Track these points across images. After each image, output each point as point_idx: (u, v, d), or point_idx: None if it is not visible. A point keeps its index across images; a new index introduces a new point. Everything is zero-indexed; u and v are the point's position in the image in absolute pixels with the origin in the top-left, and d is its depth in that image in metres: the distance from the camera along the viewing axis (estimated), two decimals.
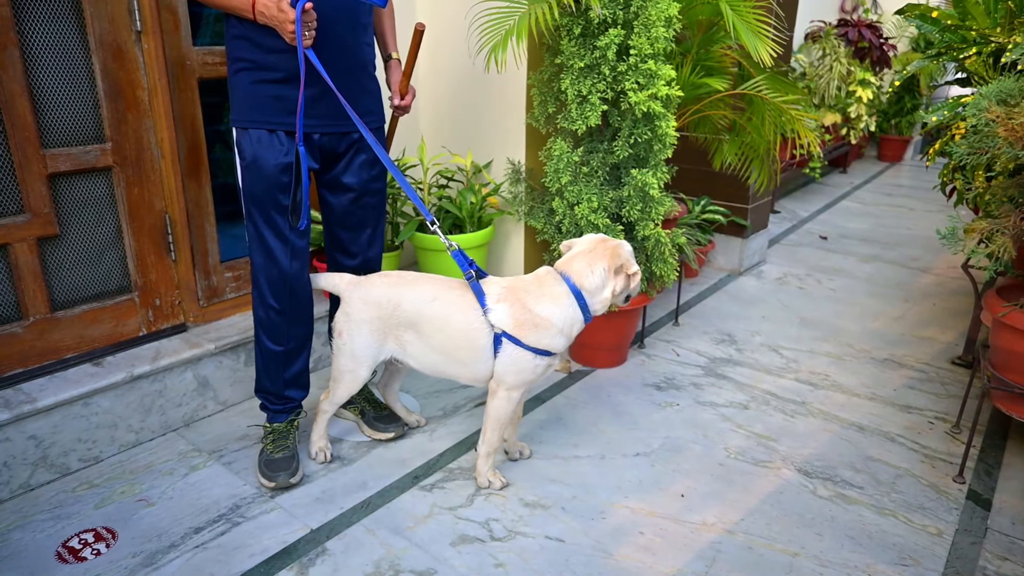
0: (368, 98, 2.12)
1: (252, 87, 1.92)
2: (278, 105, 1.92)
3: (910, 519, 2.06)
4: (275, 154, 1.95)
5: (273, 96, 1.91)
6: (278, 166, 1.96)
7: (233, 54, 1.95)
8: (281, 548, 1.90)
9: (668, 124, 2.44)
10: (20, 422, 2.05)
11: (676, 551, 1.93)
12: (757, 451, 2.38)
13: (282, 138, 1.96)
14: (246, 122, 1.95)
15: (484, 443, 2.12)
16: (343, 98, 1.93)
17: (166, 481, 2.18)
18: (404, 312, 2.06)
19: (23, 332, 2.17)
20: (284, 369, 2.18)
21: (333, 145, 2.07)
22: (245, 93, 1.94)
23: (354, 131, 2.07)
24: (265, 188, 1.97)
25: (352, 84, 2.03)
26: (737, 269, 4.08)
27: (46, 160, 2.12)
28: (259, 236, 2.04)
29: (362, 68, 2.06)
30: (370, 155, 2.14)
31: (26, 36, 2.04)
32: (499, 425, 2.08)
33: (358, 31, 2.01)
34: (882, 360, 3.05)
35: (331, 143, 2.06)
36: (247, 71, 1.93)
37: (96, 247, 2.31)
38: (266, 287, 2.08)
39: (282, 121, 1.94)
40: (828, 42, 5.78)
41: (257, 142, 1.94)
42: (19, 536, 1.93)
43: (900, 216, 5.41)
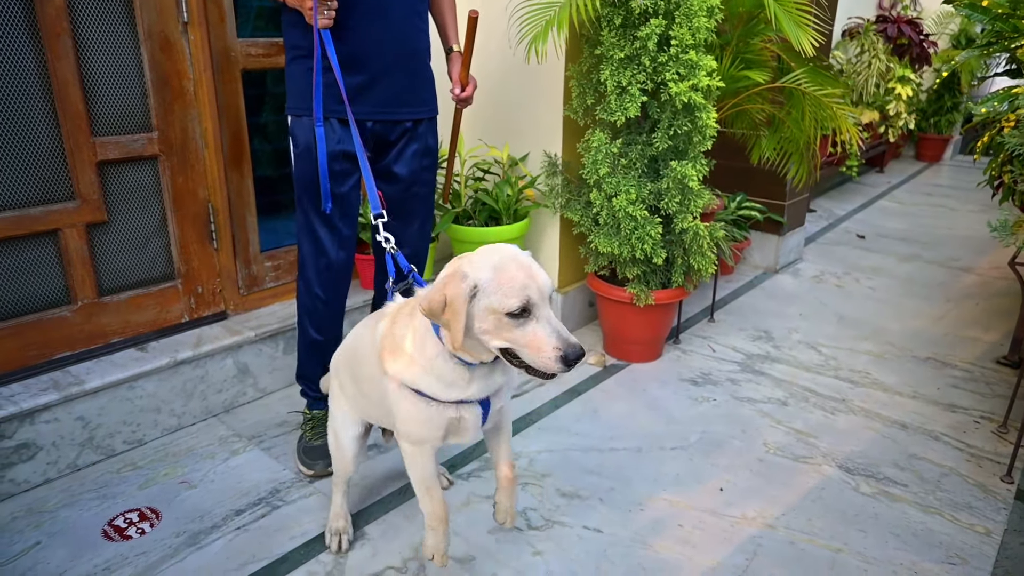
0: (425, 86, 2.09)
1: (308, 74, 1.91)
2: (328, 92, 1.91)
3: (956, 518, 2.01)
4: (330, 142, 1.95)
5: (327, 83, 1.90)
6: (330, 154, 1.95)
7: (289, 41, 1.96)
8: (321, 531, 1.92)
9: (708, 115, 2.41)
10: (69, 403, 2.10)
11: (716, 544, 1.90)
12: (797, 447, 2.34)
13: (335, 126, 1.95)
14: (300, 110, 1.96)
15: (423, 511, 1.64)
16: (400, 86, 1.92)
17: (207, 464, 2.21)
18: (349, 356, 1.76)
19: (72, 316, 2.22)
20: (325, 357, 2.18)
21: (385, 133, 2.05)
22: (301, 80, 1.94)
23: (407, 120, 2.05)
24: (316, 174, 1.96)
25: (409, 72, 2.01)
26: (773, 267, 4.02)
27: (96, 148, 2.17)
28: (308, 224, 2.04)
29: (418, 55, 2.05)
30: (421, 145, 2.12)
31: (79, 26, 2.08)
32: (421, 488, 1.60)
33: (413, 18, 1.99)
34: (924, 359, 2.99)
35: (383, 131, 2.04)
36: (303, 58, 1.93)
37: (142, 234, 2.35)
38: (313, 275, 2.08)
39: (335, 108, 1.93)
40: (867, 38, 5.68)
41: (310, 129, 1.94)
42: (67, 514, 1.98)
43: (940, 216, 5.30)
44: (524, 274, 1.32)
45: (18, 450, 2.02)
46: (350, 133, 1.95)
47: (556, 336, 1.31)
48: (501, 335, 1.33)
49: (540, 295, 1.32)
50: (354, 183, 2.06)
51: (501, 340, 1.34)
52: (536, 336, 1.31)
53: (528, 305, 1.30)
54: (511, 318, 1.30)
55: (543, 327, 1.31)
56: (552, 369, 1.32)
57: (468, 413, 1.51)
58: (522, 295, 1.30)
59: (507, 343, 1.34)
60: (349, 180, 2.03)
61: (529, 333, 1.31)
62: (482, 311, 1.32)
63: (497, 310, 1.30)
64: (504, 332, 1.33)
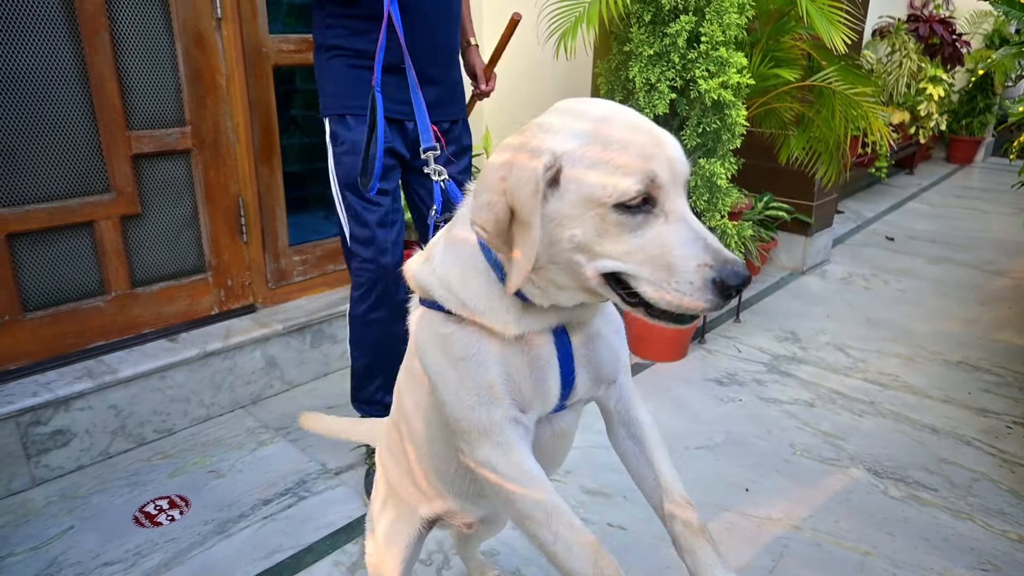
0: (459, 89, 2.08)
1: (349, 72, 1.89)
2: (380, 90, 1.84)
3: (988, 523, 1.98)
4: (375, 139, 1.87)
5: (371, 81, 1.81)
6: None
7: (327, 42, 1.91)
8: (346, 523, 1.94)
9: (738, 113, 2.40)
10: (102, 392, 2.14)
11: (742, 544, 1.89)
12: (824, 449, 2.32)
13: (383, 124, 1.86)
14: (343, 109, 1.91)
15: None
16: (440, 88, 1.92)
17: (235, 455, 2.24)
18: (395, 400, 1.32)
19: (105, 306, 2.27)
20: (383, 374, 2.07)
21: None
22: (343, 79, 1.91)
23: (443, 120, 2.02)
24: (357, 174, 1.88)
25: (448, 75, 2.00)
26: (800, 268, 3.98)
27: (131, 141, 2.21)
28: (357, 224, 1.96)
29: (452, 58, 2.03)
30: (458, 146, 2.09)
31: (116, 22, 2.12)
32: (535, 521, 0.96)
33: (452, 21, 1.98)
34: (955, 363, 2.94)
35: None
36: (342, 57, 1.89)
37: (174, 227, 2.39)
38: (359, 277, 1.98)
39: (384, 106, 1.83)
40: (898, 38, 5.60)
41: (357, 127, 1.90)
42: (99, 500, 2.02)
43: (972, 218, 5.20)
44: (644, 136, 0.82)
45: (53, 436, 2.07)
46: (394, 131, 1.92)
47: (701, 245, 0.80)
48: (604, 247, 0.82)
49: (672, 174, 0.81)
50: (398, 183, 2.01)
51: (604, 258, 0.82)
52: (667, 244, 0.80)
53: (653, 190, 0.80)
54: (622, 213, 0.80)
55: (678, 229, 0.81)
56: (696, 303, 0.80)
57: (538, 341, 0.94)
58: (644, 170, 0.79)
59: (615, 262, 0.82)
60: (393, 178, 1.98)
61: (654, 240, 0.80)
62: (571, 206, 0.81)
63: (600, 200, 0.80)
64: (609, 242, 0.81)
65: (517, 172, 0.81)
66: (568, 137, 0.82)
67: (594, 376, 1.02)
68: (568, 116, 0.85)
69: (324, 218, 2.88)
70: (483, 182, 0.86)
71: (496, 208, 0.83)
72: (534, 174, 0.80)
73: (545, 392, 0.96)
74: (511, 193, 0.82)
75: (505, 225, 0.83)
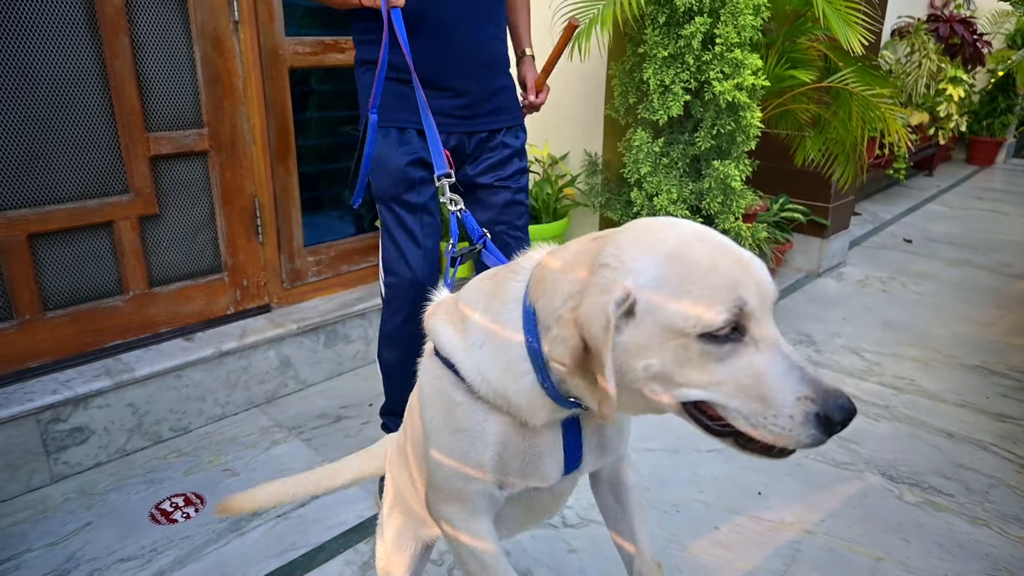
0: (504, 96, 2.01)
1: (384, 84, 1.82)
2: (406, 104, 1.85)
3: (1005, 530, 1.96)
4: (404, 152, 1.89)
5: (403, 95, 1.85)
6: (406, 163, 1.89)
7: (361, 56, 1.91)
8: (359, 522, 1.95)
9: (753, 115, 2.39)
10: (119, 390, 2.17)
11: (753, 548, 1.88)
12: (838, 453, 2.30)
13: (412, 136, 1.90)
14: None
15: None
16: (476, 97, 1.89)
17: (249, 453, 2.26)
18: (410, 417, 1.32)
19: (123, 305, 2.30)
20: None
21: (461, 145, 1.97)
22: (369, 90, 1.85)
23: (483, 129, 1.98)
24: (391, 184, 1.91)
25: (484, 83, 1.95)
26: (816, 270, 3.95)
27: (150, 143, 2.24)
28: (390, 236, 1.96)
29: (494, 65, 1.97)
30: (502, 153, 2.02)
31: (136, 25, 2.15)
32: None
33: (488, 27, 1.92)
34: (972, 367, 2.90)
35: (459, 143, 1.96)
36: (373, 71, 1.83)
37: (191, 228, 2.42)
38: (392, 290, 1.97)
39: (413, 119, 1.86)
40: (917, 38, 5.54)
41: (384, 140, 1.89)
42: (116, 497, 2.05)
43: (992, 221, 5.14)
44: (728, 260, 0.77)
45: (72, 433, 2.10)
46: (426, 143, 1.83)
47: (798, 375, 0.75)
48: (687, 377, 0.76)
49: (761, 299, 0.76)
50: (432, 194, 1.96)
51: (686, 387, 0.77)
52: (760, 374, 0.75)
53: (741, 317, 0.75)
54: (708, 343, 0.75)
55: (772, 359, 0.75)
56: (793, 438, 0.76)
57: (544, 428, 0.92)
58: (731, 298, 0.74)
59: (702, 391, 0.77)
60: (427, 189, 1.95)
61: (744, 370, 0.75)
62: (647, 336, 0.76)
63: (682, 331, 0.74)
64: (693, 371, 0.76)
65: (588, 308, 0.76)
66: (644, 266, 0.77)
67: (600, 454, 1.03)
68: (644, 240, 0.80)
69: (339, 219, 2.90)
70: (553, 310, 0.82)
71: (570, 343, 0.79)
72: (604, 311, 0.75)
73: (539, 474, 0.96)
74: (582, 326, 0.77)
75: (581, 355, 0.79)
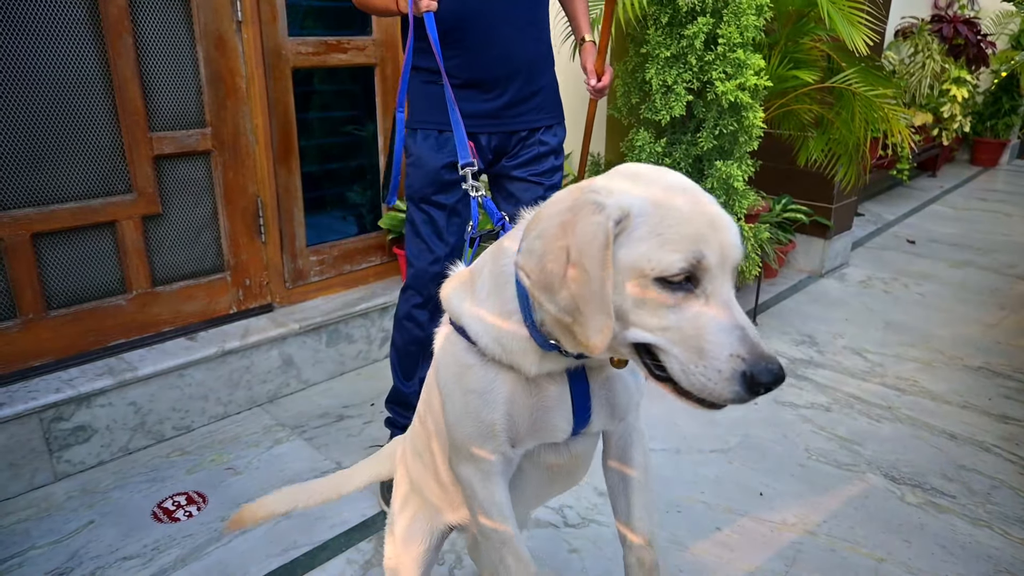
0: (544, 95, 2.00)
1: (423, 87, 1.90)
2: (442, 106, 1.82)
3: (1007, 532, 1.95)
4: (442, 154, 1.91)
5: (437, 97, 1.84)
6: (442, 165, 1.91)
7: (411, 61, 1.88)
8: (360, 521, 1.96)
9: (755, 115, 2.39)
10: (122, 389, 2.17)
11: (755, 549, 1.88)
12: (840, 454, 2.30)
13: (451, 139, 1.89)
14: (416, 123, 1.93)
15: None
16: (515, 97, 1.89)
17: (252, 452, 2.27)
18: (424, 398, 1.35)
19: (126, 305, 2.30)
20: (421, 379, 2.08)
21: (502, 144, 1.98)
22: (417, 95, 1.92)
23: (522, 128, 1.98)
24: (425, 184, 1.93)
25: (526, 83, 1.95)
26: (818, 271, 3.95)
27: (152, 142, 2.25)
28: (415, 234, 2.00)
29: (532, 66, 1.97)
30: (538, 150, 2.02)
31: (139, 25, 2.16)
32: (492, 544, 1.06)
33: (526, 30, 1.92)
34: (976, 368, 2.90)
35: (500, 142, 1.97)
36: (418, 75, 1.90)
37: (194, 227, 2.42)
38: (413, 283, 2.02)
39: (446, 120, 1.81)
40: (921, 38, 5.53)
41: (423, 141, 1.91)
42: (119, 495, 2.05)
43: (995, 222, 5.13)
44: (701, 216, 0.80)
45: (75, 432, 2.11)
46: None
47: (739, 335, 0.78)
48: (640, 317, 0.80)
49: (721, 258, 0.79)
50: (463, 195, 1.96)
51: (637, 328, 0.81)
52: (702, 327, 0.78)
53: (697, 270, 0.78)
54: (663, 288, 0.78)
55: (717, 314, 0.79)
56: (717, 391, 0.78)
57: (548, 383, 0.96)
58: (691, 249, 0.78)
59: (647, 333, 0.81)
60: (460, 190, 1.95)
61: (691, 320, 0.79)
62: (619, 270, 0.80)
63: (643, 271, 0.78)
64: (646, 314, 0.80)
65: (584, 225, 0.78)
66: (632, 202, 0.80)
67: (609, 413, 1.06)
68: (631, 180, 0.84)
69: (341, 219, 2.91)
70: (537, 229, 0.84)
71: (547, 259, 0.81)
72: (603, 227, 0.77)
73: (549, 430, 1.00)
74: (576, 247, 0.78)
75: (552, 275, 0.80)
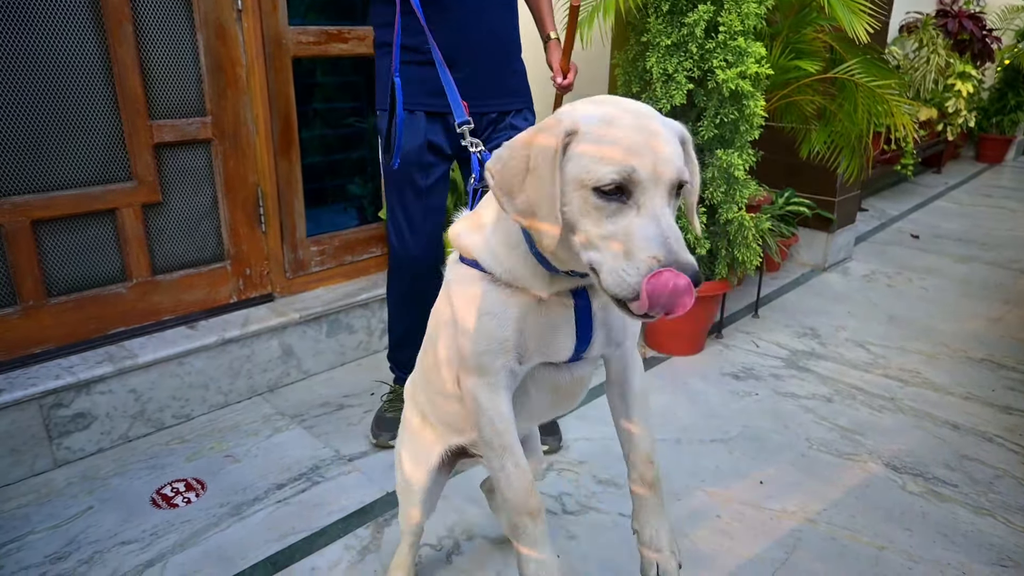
0: (516, 79, 2.08)
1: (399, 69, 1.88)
2: (419, 87, 1.90)
3: (1010, 520, 1.94)
4: (411, 135, 1.95)
5: (414, 79, 1.88)
6: (415, 145, 1.95)
7: (379, 39, 1.97)
8: (358, 507, 1.95)
9: (756, 104, 2.37)
10: (122, 376, 2.18)
11: (754, 537, 1.87)
12: (841, 444, 2.29)
13: (420, 119, 1.95)
14: (387, 104, 1.89)
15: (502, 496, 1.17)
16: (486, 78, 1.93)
17: (251, 441, 2.26)
18: None
19: (127, 293, 2.31)
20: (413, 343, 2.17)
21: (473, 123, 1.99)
22: (386, 75, 1.93)
23: (492, 110, 2.02)
24: (401, 165, 1.95)
25: (503, 67, 2.00)
26: (821, 264, 3.93)
27: (153, 131, 2.25)
28: (394, 217, 2.06)
29: (511, 50, 2.04)
30: (509, 135, 1.98)
31: (139, 13, 2.16)
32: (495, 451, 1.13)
33: (508, 14, 1.98)
34: (979, 360, 2.88)
35: None
36: (389, 54, 1.90)
37: (194, 216, 2.42)
38: (395, 266, 2.12)
39: (422, 102, 1.93)
40: (926, 33, 5.51)
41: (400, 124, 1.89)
42: (118, 482, 2.05)
43: (1000, 218, 5.10)
44: (640, 136, 0.87)
45: (75, 419, 2.11)
46: (436, 125, 1.96)
47: (660, 240, 0.84)
48: (584, 226, 0.89)
49: (652, 173, 0.86)
50: (439, 176, 2.04)
51: (582, 234, 0.89)
52: (631, 234, 0.85)
53: (628, 183, 0.85)
54: (599, 198, 0.86)
55: (645, 223, 0.85)
56: (631, 286, 0.83)
57: (556, 304, 1.05)
58: (624, 162, 0.85)
59: (594, 252, 0.89)
60: (435, 172, 2.02)
61: (623, 228, 0.86)
62: (566, 183, 0.89)
63: (582, 181, 0.87)
64: (589, 223, 0.88)
65: (541, 137, 0.91)
66: (585, 120, 0.90)
67: (607, 337, 1.14)
68: (592, 104, 0.95)
69: (342, 210, 2.91)
70: (510, 144, 0.97)
71: (510, 163, 0.93)
72: (556, 137, 0.89)
73: (555, 349, 1.09)
74: (532, 156, 0.90)
75: (513, 178, 0.92)
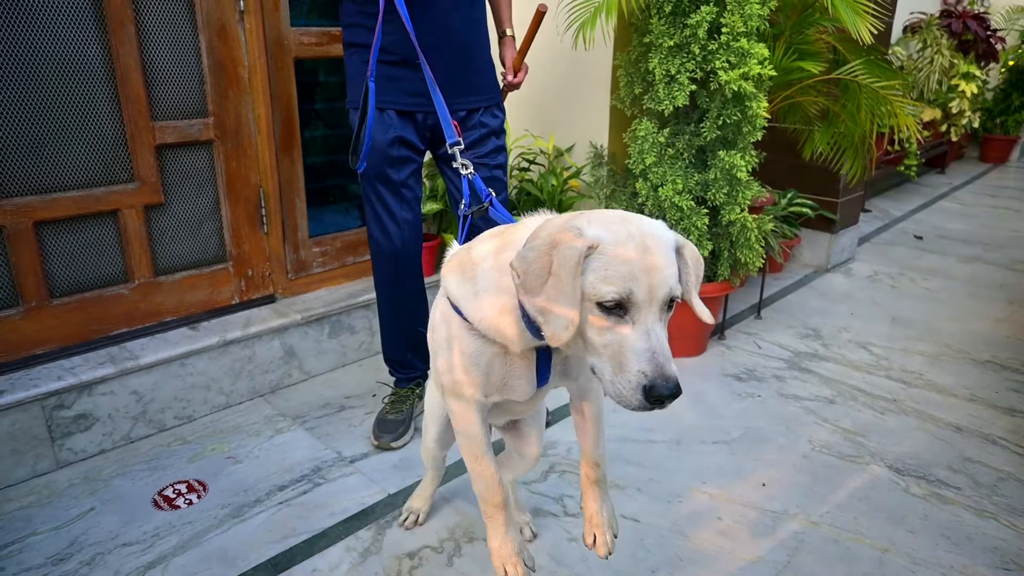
0: (478, 78, 2.08)
1: (363, 67, 1.95)
2: (388, 85, 1.94)
3: (1014, 523, 1.93)
4: (383, 131, 1.98)
5: (384, 77, 1.93)
6: (386, 141, 1.98)
7: (347, 39, 2.01)
8: (360, 509, 1.95)
9: (759, 105, 2.37)
10: (124, 377, 2.18)
11: (756, 538, 1.87)
12: (844, 446, 2.28)
13: (391, 116, 1.98)
14: (358, 102, 1.95)
15: None
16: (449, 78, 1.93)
17: (253, 442, 2.26)
18: None
19: (129, 293, 2.31)
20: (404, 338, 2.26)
21: (437, 123, 2.02)
22: (356, 74, 1.99)
23: (460, 109, 2.04)
24: (374, 162, 2.00)
25: (462, 66, 2.01)
26: (824, 265, 3.92)
27: (155, 132, 2.25)
28: (373, 211, 2.10)
29: (471, 48, 2.04)
30: (481, 131, 2.10)
31: (142, 14, 2.16)
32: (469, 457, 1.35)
33: (463, 9, 1.99)
34: (983, 362, 2.87)
35: (436, 121, 2.02)
36: (358, 54, 1.97)
37: (196, 217, 2.42)
38: (377, 260, 2.16)
39: (393, 100, 1.96)
40: (929, 33, 5.49)
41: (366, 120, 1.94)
42: (120, 483, 2.05)
43: (1005, 218, 5.08)
44: (642, 261, 1.00)
45: (77, 420, 2.11)
46: (406, 122, 1.99)
47: (647, 355, 0.99)
48: (588, 334, 1.03)
49: (648, 295, 0.99)
50: (412, 171, 2.08)
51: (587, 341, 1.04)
52: (624, 347, 1.00)
53: (627, 302, 0.99)
54: (601, 312, 1.00)
55: (637, 338, 0.99)
56: (627, 399, 1.00)
57: (521, 357, 1.21)
58: (623, 285, 0.98)
59: (595, 358, 1.05)
60: (407, 167, 2.06)
61: (619, 341, 1.00)
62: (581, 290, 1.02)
63: (589, 295, 1.00)
64: (592, 332, 1.02)
65: (565, 247, 1.00)
66: (602, 236, 1.01)
67: (563, 374, 1.31)
68: (607, 222, 1.04)
69: (344, 210, 2.90)
70: (533, 242, 1.05)
71: (534, 266, 1.01)
72: (578, 250, 0.99)
73: (516, 390, 1.26)
74: (556, 261, 1.00)
75: (536, 279, 1.01)
